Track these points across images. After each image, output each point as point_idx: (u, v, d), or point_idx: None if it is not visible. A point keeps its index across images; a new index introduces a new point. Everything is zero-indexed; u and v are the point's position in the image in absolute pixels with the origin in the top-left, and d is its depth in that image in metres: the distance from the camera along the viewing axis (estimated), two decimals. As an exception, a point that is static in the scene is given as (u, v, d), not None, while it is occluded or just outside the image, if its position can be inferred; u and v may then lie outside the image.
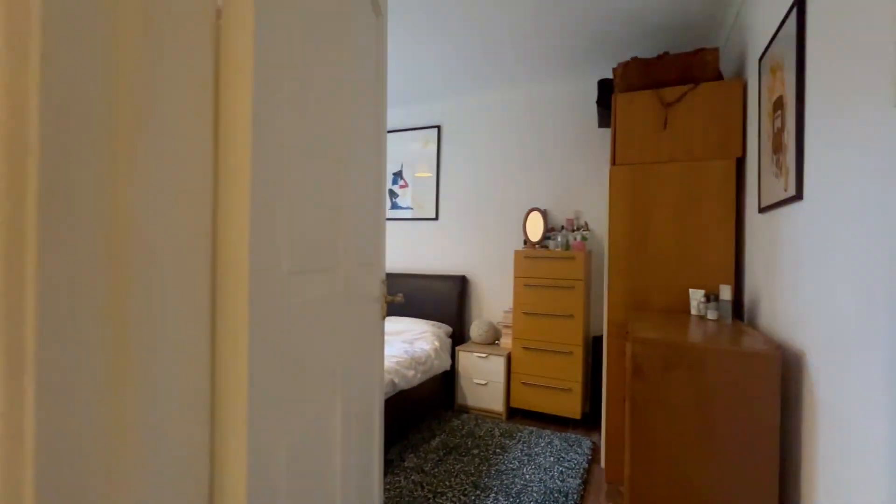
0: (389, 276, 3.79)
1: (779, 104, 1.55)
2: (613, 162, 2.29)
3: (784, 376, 1.48)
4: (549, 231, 3.22)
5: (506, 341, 3.20)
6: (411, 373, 2.62)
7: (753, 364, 1.34)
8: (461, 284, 3.50)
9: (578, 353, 2.84)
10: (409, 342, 3.00)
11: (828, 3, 1.21)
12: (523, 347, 2.98)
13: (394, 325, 3.34)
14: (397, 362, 2.56)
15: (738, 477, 1.35)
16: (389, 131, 3.99)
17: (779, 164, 1.53)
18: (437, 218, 3.75)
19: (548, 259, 2.93)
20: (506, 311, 3.22)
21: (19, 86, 0.47)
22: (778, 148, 1.55)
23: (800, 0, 1.37)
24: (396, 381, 2.45)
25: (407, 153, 3.87)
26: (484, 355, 3.09)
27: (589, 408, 3.03)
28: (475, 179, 3.59)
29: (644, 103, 2.21)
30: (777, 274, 1.57)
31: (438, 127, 3.72)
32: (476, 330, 3.29)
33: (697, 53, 2.15)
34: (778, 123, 1.55)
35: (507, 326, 3.19)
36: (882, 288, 0.92)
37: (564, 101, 3.28)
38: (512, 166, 3.45)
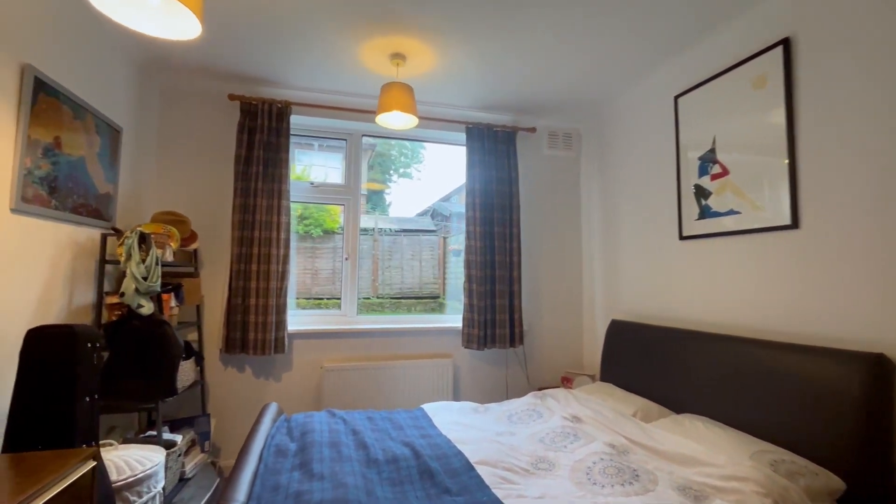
0: (681, 334, 2.12)
1: None
2: None
3: None
4: None
5: None
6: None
7: None
8: (874, 374, 1.43)
9: None
10: (694, 495, 1.37)
11: None
12: None
13: (675, 440, 1.71)
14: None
15: None
16: (683, 93, 2.38)
17: None
18: (794, 225, 1.81)
19: None
20: None
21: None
22: None
23: None
24: None
25: (723, 114, 2.15)
26: None
27: None
28: (900, 120, 1.48)
29: None
30: None
31: (785, 42, 1.85)
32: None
33: None
34: None
35: None
36: None
37: None
38: None
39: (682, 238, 2.40)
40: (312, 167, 3.28)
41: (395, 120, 2.46)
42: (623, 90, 2.86)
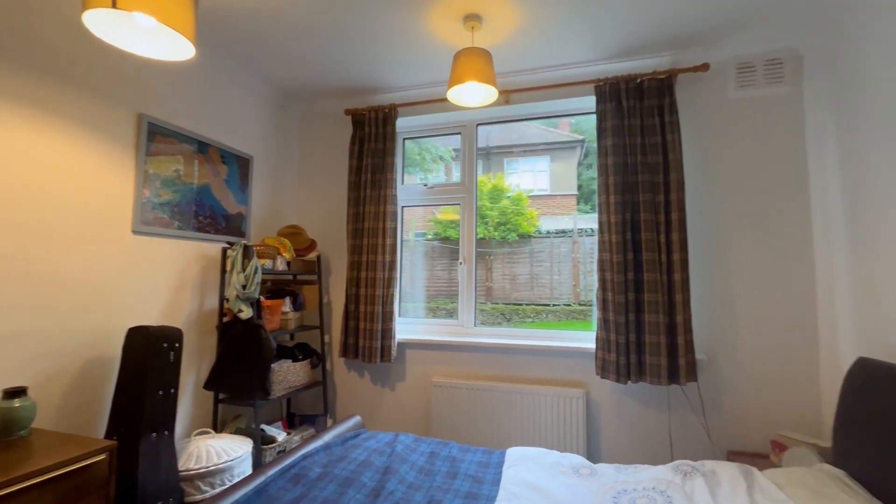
0: None
1: None
2: None
3: None
4: None
5: None
6: None
7: None
8: None
9: None
10: None
11: None
12: None
13: None
14: None
15: None
16: None
17: None
18: None
19: None
20: None
21: None
22: None
23: None
24: None
25: None
26: None
27: None
28: None
29: None
30: None
31: None
32: None
33: None
34: None
35: None
36: None
37: None
38: None
39: None
40: (513, 174, 3.10)
41: (471, 95, 2.05)
42: (867, -48, 1.62)
